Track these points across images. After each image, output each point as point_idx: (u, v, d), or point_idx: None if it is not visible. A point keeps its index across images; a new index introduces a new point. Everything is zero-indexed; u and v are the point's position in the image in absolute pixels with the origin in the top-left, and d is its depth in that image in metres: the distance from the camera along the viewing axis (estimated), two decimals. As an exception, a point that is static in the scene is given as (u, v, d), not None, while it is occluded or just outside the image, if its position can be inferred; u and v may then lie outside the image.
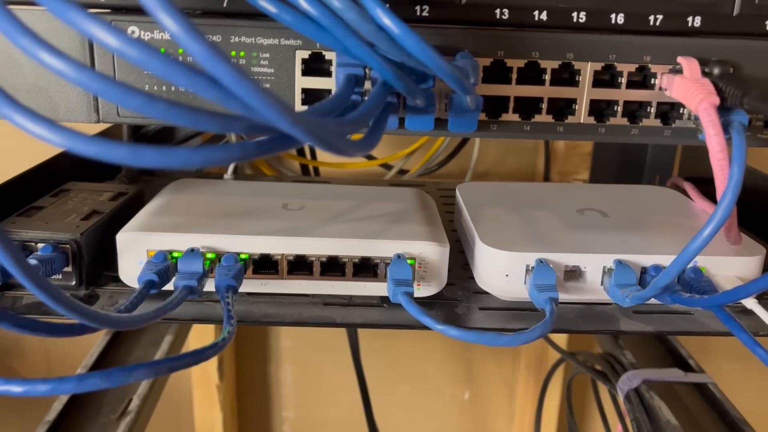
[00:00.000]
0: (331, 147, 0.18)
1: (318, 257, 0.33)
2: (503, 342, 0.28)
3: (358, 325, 0.32)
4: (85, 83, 0.16)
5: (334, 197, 0.39)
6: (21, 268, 0.20)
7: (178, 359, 0.24)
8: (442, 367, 0.86)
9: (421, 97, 0.24)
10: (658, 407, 0.51)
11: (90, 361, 0.54)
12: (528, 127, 0.29)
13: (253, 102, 0.16)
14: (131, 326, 0.25)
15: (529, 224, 0.36)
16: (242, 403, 0.86)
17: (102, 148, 0.17)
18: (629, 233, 0.35)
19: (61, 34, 0.27)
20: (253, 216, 0.35)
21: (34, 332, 0.23)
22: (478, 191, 0.42)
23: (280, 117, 0.17)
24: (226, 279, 0.31)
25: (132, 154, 0.17)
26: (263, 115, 0.17)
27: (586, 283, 0.33)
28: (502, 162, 0.77)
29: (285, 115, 0.17)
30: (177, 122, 0.17)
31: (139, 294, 0.29)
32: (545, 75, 0.28)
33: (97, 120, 0.28)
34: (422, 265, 0.33)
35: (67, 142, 0.17)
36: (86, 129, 0.45)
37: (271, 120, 0.17)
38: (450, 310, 0.33)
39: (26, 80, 0.27)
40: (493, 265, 0.33)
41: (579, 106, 0.28)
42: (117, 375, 0.22)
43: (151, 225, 0.33)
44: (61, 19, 0.16)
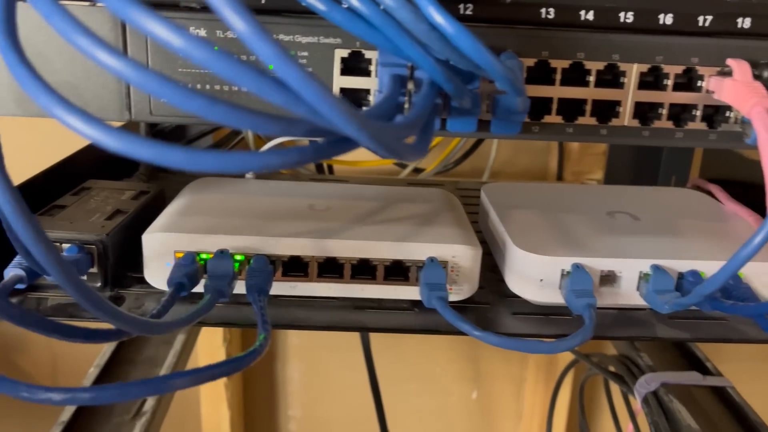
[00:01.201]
0: (392, 152, 0.17)
1: (349, 260, 0.32)
2: (544, 350, 0.28)
3: (390, 330, 0.31)
4: (145, 84, 0.15)
5: (360, 198, 0.38)
6: (62, 273, 0.19)
7: (218, 367, 0.23)
8: (449, 366, 0.86)
9: (467, 98, 0.24)
10: (678, 411, 0.51)
11: (102, 361, 0.54)
12: (571, 130, 0.28)
13: (320, 105, 0.15)
14: (166, 332, 0.25)
15: (560, 227, 0.36)
16: (249, 401, 0.86)
17: (159, 151, 0.16)
18: (663, 237, 0.35)
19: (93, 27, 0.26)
20: (280, 217, 0.34)
21: (70, 338, 0.22)
22: (503, 192, 0.41)
23: (346, 121, 0.16)
24: (258, 281, 0.30)
25: (190, 159, 0.16)
26: (329, 119, 0.16)
27: (621, 289, 0.33)
28: (513, 161, 0.76)
29: (351, 119, 0.16)
30: (237, 125, 0.16)
31: (170, 298, 0.28)
32: (590, 76, 0.27)
33: (129, 118, 0.27)
34: (455, 268, 0.32)
35: (124, 145, 0.16)
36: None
37: (336, 124, 0.16)
38: (482, 315, 0.33)
39: (57, 77, 0.27)
40: (526, 269, 0.33)
41: (623, 108, 0.28)
42: (156, 384, 0.21)
43: (178, 226, 0.33)
44: (120, 16, 0.15)
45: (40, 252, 0.19)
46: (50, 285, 0.32)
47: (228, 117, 0.16)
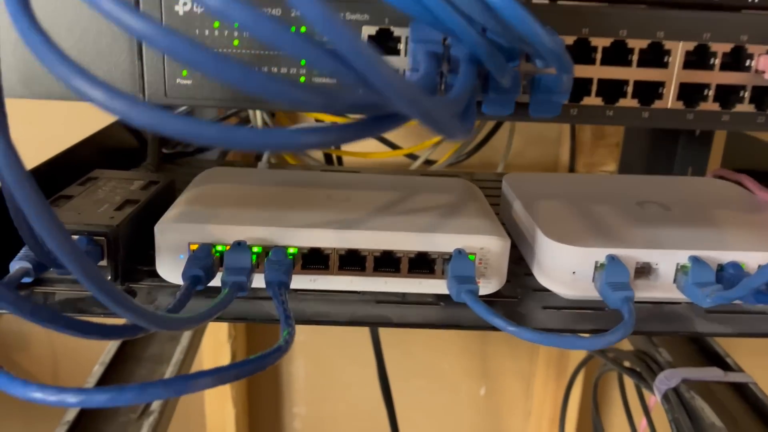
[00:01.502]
0: (444, 128, 0.16)
1: (372, 252, 0.31)
2: (583, 345, 0.26)
3: (415, 325, 0.30)
4: (177, 52, 0.14)
5: (378, 188, 0.37)
6: (78, 263, 0.18)
7: (243, 365, 0.22)
8: (457, 362, 0.84)
9: (509, 76, 0.22)
10: (701, 408, 0.49)
11: (107, 358, 0.52)
12: (611, 113, 0.26)
13: (373, 76, 0.14)
14: (185, 327, 0.23)
15: (590, 218, 0.34)
16: (254, 399, 0.84)
17: (192, 126, 0.14)
18: (699, 228, 0.33)
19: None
20: (298, 207, 0.33)
21: (85, 335, 0.21)
22: (527, 182, 0.39)
23: (398, 94, 0.14)
24: (278, 275, 0.28)
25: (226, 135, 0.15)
26: (382, 91, 0.14)
27: (657, 281, 0.31)
28: (523, 154, 0.75)
29: (404, 92, 0.14)
30: (275, 97, 0.15)
31: (186, 291, 0.27)
32: (632, 55, 0.26)
33: (143, 100, 0.26)
34: (483, 260, 0.31)
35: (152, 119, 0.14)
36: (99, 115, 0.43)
37: (389, 97, 0.14)
38: (512, 309, 0.31)
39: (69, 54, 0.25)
40: (558, 261, 0.31)
41: (667, 89, 0.26)
42: (178, 384, 0.20)
43: (192, 216, 0.31)
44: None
45: (55, 241, 0.17)
46: (57, 279, 0.30)
47: (266, 88, 0.14)
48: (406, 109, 0.15)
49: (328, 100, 0.15)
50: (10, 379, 0.19)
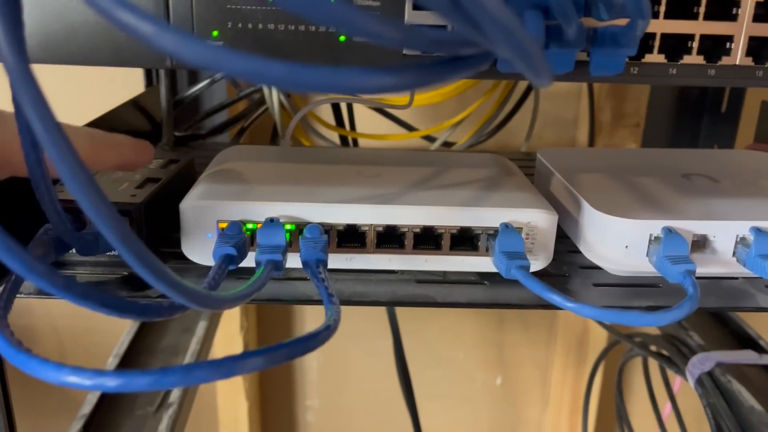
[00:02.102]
0: (538, 68, 0.14)
1: (411, 228, 0.29)
2: (648, 321, 0.24)
3: (461, 305, 0.28)
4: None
5: (411, 164, 0.35)
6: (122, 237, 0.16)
7: (294, 345, 0.20)
8: (473, 351, 0.83)
9: (576, 25, 0.20)
10: (738, 392, 0.48)
11: (121, 350, 0.50)
12: (674, 71, 0.25)
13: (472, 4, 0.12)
14: (227, 306, 0.21)
15: (637, 190, 0.32)
16: (266, 392, 0.83)
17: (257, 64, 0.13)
18: (754, 199, 0.31)
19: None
20: (329, 183, 0.31)
21: (122, 313, 0.19)
22: (563, 156, 0.37)
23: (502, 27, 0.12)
24: (315, 252, 0.26)
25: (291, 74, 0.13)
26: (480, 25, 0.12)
27: (714, 254, 0.29)
28: (540, 135, 0.73)
29: (503, 20, 0.12)
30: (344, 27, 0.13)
31: (219, 270, 0.25)
32: (698, 7, 0.24)
33: (170, 65, 0.24)
34: (530, 236, 0.29)
35: (252, 65, 0.12)
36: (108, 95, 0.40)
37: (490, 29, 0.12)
38: (562, 287, 0.29)
39: (87, 17, 0.23)
40: (609, 235, 0.29)
41: (736, 44, 0.24)
42: (228, 365, 0.18)
43: (219, 193, 0.29)
44: None
45: (93, 205, 0.15)
46: (78, 261, 0.28)
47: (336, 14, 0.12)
48: (504, 42, 0.13)
49: (407, 34, 0.13)
50: (43, 363, 0.17)
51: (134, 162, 0.27)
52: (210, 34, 0.24)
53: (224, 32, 0.23)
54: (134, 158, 0.27)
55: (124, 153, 0.26)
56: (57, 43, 0.23)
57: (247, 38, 0.24)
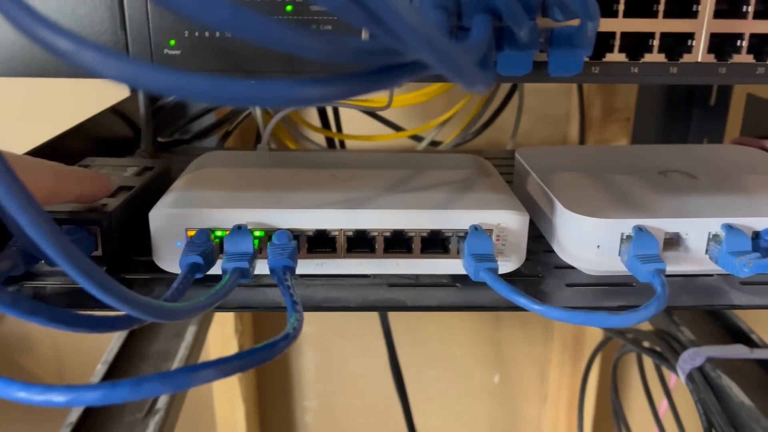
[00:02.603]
0: (466, 76, 0.14)
1: (381, 232, 0.29)
2: (614, 322, 0.24)
3: (432, 308, 0.28)
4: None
5: (386, 166, 0.35)
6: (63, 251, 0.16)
7: (248, 355, 0.20)
8: (470, 349, 0.83)
9: (527, 27, 0.20)
10: (728, 387, 0.47)
11: (110, 357, 0.50)
12: (636, 69, 0.24)
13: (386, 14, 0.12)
14: (184, 317, 0.21)
15: (611, 188, 0.32)
16: (264, 394, 0.83)
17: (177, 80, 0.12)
18: (729, 195, 0.31)
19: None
20: (300, 188, 0.31)
21: (76, 328, 0.19)
22: (541, 155, 0.37)
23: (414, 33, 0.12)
24: (282, 259, 0.26)
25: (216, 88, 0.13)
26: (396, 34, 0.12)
27: (687, 252, 0.29)
28: (531, 132, 0.73)
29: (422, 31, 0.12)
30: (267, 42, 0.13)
31: (184, 279, 0.25)
32: (658, 5, 0.24)
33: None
34: (501, 237, 0.29)
35: (174, 80, 0.12)
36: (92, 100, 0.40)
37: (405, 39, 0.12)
38: (534, 288, 0.29)
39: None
40: (581, 235, 0.29)
41: (697, 41, 0.24)
42: (179, 377, 0.18)
43: (188, 201, 0.29)
44: None
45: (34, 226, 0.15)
46: (49, 272, 0.28)
47: (259, 30, 0.12)
48: (424, 51, 0.13)
49: (330, 46, 0.13)
50: (-9, 378, 0.17)
51: (94, 194, 0.28)
52: (168, 43, 0.24)
53: (181, 41, 0.23)
54: (93, 191, 0.28)
55: (84, 186, 0.27)
56: (13, 56, 0.23)
57: (204, 47, 0.24)
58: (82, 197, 0.28)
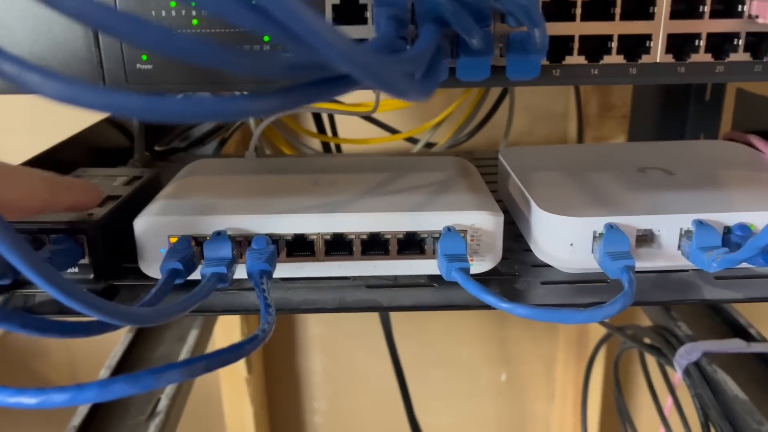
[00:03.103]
0: (393, 87, 0.15)
1: (358, 235, 0.29)
2: (580, 319, 0.25)
3: (407, 308, 0.29)
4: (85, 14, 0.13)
5: (367, 170, 0.36)
6: (27, 261, 0.17)
7: (214, 357, 0.20)
8: (476, 348, 0.83)
9: (478, 35, 0.21)
10: (723, 381, 0.47)
11: (113, 362, 0.52)
12: (596, 71, 0.25)
13: (302, 29, 0.13)
14: (156, 321, 0.22)
15: (588, 187, 0.32)
16: (272, 396, 0.84)
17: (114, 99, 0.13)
18: (703, 191, 0.31)
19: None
20: (282, 193, 0.32)
21: (45, 333, 0.20)
22: (523, 155, 0.38)
23: (334, 49, 0.13)
24: (259, 263, 0.27)
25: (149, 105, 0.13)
26: (315, 48, 0.13)
27: (660, 248, 0.29)
28: (531, 131, 0.73)
29: (341, 47, 0.13)
30: (199, 62, 0.13)
31: (163, 285, 0.26)
32: (614, 8, 0.24)
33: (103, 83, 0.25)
34: (475, 237, 0.29)
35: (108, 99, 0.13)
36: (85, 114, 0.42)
37: (325, 54, 0.13)
38: (509, 286, 0.30)
39: (21, 48, 0.24)
40: (554, 233, 0.30)
41: (655, 42, 0.24)
42: (145, 379, 0.19)
43: (171, 208, 0.30)
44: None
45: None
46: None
47: (188, 50, 0.13)
48: (343, 64, 0.13)
49: (259, 62, 0.14)
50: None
51: (86, 203, 0.29)
52: (140, 58, 0.25)
53: (152, 56, 0.24)
54: (86, 200, 0.29)
55: (76, 195, 0.28)
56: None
57: (175, 61, 0.24)
58: (76, 206, 0.29)
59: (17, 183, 0.25)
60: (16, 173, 0.26)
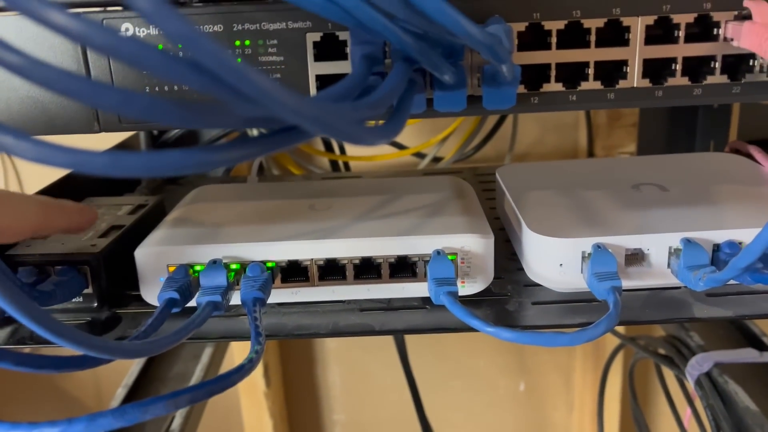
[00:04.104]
0: (345, 136, 0.15)
1: (350, 260, 0.30)
2: (563, 342, 0.25)
3: (399, 332, 0.29)
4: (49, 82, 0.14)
5: (364, 193, 0.36)
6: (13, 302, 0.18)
7: (200, 388, 0.21)
8: (493, 359, 0.83)
9: (449, 71, 0.21)
10: (734, 392, 0.47)
11: (130, 380, 0.53)
12: (574, 97, 0.25)
13: (241, 84, 0.13)
14: (147, 354, 0.23)
15: (580, 206, 0.33)
16: (291, 409, 0.85)
17: (79, 158, 0.14)
18: (695, 207, 0.32)
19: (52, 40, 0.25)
20: (277, 220, 0.33)
21: (40, 369, 0.21)
22: (520, 173, 0.38)
23: (277, 102, 0.14)
24: (252, 291, 0.28)
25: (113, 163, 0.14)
26: (261, 103, 0.14)
27: (651, 267, 0.30)
28: (542, 141, 0.73)
29: (283, 99, 0.14)
30: (159, 120, 0.14)
31: (160, 315, 0.27)
32: (589, 36, 0.25)
33: (98, 130, 0.26)
34: (465, 260, 0.30)
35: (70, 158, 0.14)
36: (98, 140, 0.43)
37: (268, 107, 0.14)
38: (500, 307, 0.30)
39: (19, 92, 0.25)
40: (544, 254, 0.30)
41: (631, 68, 0.25)
42: (132, 412, 0.20)
43: (170, 238, 0.31)
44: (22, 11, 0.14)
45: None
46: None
47: (148, 109, 0.14)
48: (291, 118, 0.14)
49: (217, 117, 0.15)
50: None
51: (80, 225, 0.30)
52: (132, 98, 0.26)
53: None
54: (80, 222, 0.30)
55: (72, 217, 0.29)
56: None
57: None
58: (70, 228, 0.30)
59: (11, 208, 0.26)
60: (9, 198, 0.27)
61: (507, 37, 0.22)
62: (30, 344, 0.30)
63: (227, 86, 0.13)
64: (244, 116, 0.15)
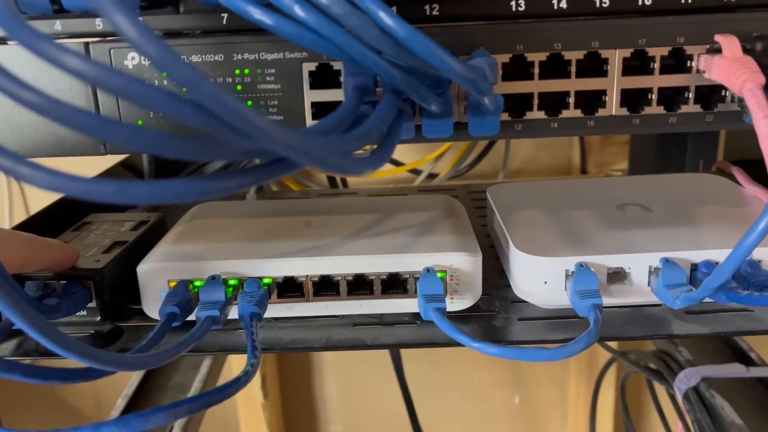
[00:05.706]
0: (334, 167, 0.17)
1: (344, 276, 0.31)
2: (545, 357, 0.26)
3: (390, 346, 0.30)
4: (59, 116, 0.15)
5: (358, 211, 0.38)
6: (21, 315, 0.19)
7: (198, 399, 0.22)
8: (489, 371, 0.84)
9: (435, 102, 0.23)
10: (721, 406, 0.48)
11: (130, 391, 0.54)
12: (556, 125, 0.27)
13: (238, 123, 0.15)
14: (149, 366, 0.24)
15: (566, 225, 0.34)
16: (288, 420, 0.86)
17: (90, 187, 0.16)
18: (676, 228, 0.33)
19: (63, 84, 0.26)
20: (274, 237, 0.34)
21: (48, 381, 0.22)
22: (510, 192, 0.39)
23: (270, 138, 0.15)
24: (249, 306, 0.29)
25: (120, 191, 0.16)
26: (252, 137, 0.15)
27: (632, 285, 0.31)
28: (535, 158, 0.75)
29: (275, 135, 0.15)
30: (164, 153, 0.16)
31: (160, 329, 0.28)
32: (570, 67, 0.26)
33: (104, 152, 0.27)
34: (454, 277, 0.31)
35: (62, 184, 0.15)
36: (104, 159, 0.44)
37: (262, 142, 0.15)
38: (487, 323, 0.31)
39: (30, 117, 0.27)
40: (529, 272, 0.31)
41: (609, 97, 0.26)
42: (134, 422, 0.21)
43: (171, 255, 0.32)
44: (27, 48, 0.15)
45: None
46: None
47: (153, 144, 0.15)
48: (282, 152, 0.15)
49: (216, 150, 0.16)
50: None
51: (64, 262, 0.31)
52: (137, 122, 0.27)
53: (147, 121, 0.27)
54: (65, 258, 0.31)
55: (56, 254, 0.30)
56: (5, 140, 0.27)
57: (168, 124, 0.27)
58: (53, 265, 0.31)
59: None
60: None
61: (491, 70, 0.24)
62: (35, 356, 0.31)
63: (226, 124, 0.15)
64: (240, 149, 0.16)
